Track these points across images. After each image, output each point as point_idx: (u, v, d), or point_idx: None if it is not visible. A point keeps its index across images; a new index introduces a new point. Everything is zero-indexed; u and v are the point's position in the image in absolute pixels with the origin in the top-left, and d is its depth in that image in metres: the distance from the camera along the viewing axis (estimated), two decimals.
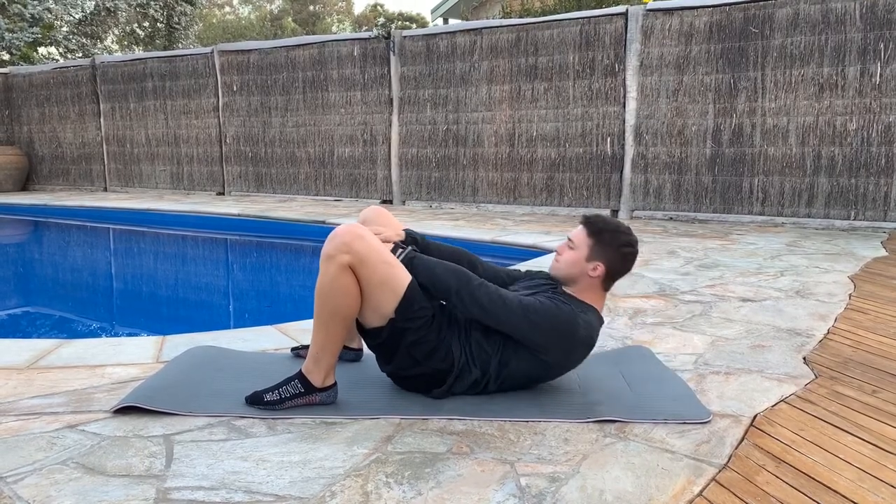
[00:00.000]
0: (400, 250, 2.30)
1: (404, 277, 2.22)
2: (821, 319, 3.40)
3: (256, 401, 2.24)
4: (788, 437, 2.05)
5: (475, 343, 2.30)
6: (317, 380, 2.25)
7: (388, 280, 2.20)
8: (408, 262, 2.27)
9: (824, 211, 7.11)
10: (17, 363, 2.73)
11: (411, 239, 2.49)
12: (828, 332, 3.17)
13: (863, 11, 6.73)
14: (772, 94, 7.20)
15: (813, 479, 1.81)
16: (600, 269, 2.31)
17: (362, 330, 2.33)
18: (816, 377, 2.58)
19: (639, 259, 4.82)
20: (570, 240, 2.36)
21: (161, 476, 1.79)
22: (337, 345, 2.24)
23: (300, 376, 2.25)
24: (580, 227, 2.36)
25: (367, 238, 2.19)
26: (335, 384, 2.29)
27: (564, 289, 2.38)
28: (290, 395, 2.24)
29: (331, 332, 2.21)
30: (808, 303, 3.75)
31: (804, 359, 2.80)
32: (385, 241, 2.36)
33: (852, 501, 1.70)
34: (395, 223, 2.58)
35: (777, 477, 1.82)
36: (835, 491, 1.75)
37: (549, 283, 2.42)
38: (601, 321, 2.37)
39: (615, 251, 2.31)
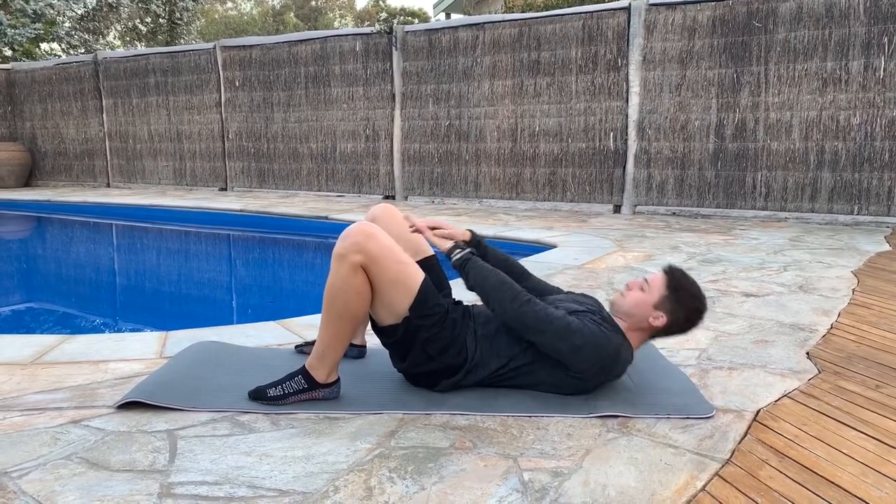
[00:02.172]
0: (458, 250, 2.32)
1: (417, 275, 2.22)
2: (824, 314, 3.39)
3: (260, 396, 2.24)
4: (791, 433, 2.05)
5: (498, 339, 2.30)
6: (320, 376, 2.25)
7: (402, 279, 2.19)
8: (461, 264, 2.29)
9: (828, 206, 7.10)
10: (21, 359, 2.73)
11: (475, 241, 2.50)
12: (831, 328, 3.17)
13: (867, 5, 6.71)
14: (775, 89, 7.18)
15: (816, 473, 1.81)
16: (662, 320, 2.26)
17: (376, 328, 2.32)
18: (820, 372, 2.58)
19: (640, 254, 4.83)
20: (646, 281, 2.31)
21: (165, 471, 1.79)
22: (343, 343, 2.24)
23: (304, 372, 2.26)
24: (661, 274, 2.30)
25: (380, 237, 2.18)
26: (338, 380, 2.29)
27: (615, 319, 2.33)
28: (293, 391, 2.24)
29: (338, 331, 2.21)
30: (811, 298, 3.74)
31: (807, 354, 2.79)
32: (449, 237, 2.39)
33: (855, 496, 1.70)
34: (402, 220, 2.57)
35: (780, 472, 1.82)
36: (838, 486, 1.75)
37: (595, 309, 2.35)
38: (632, 360, 2.35)
39: (685, 312, 2.26)
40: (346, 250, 2.14)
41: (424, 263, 2.42)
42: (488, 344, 2.31)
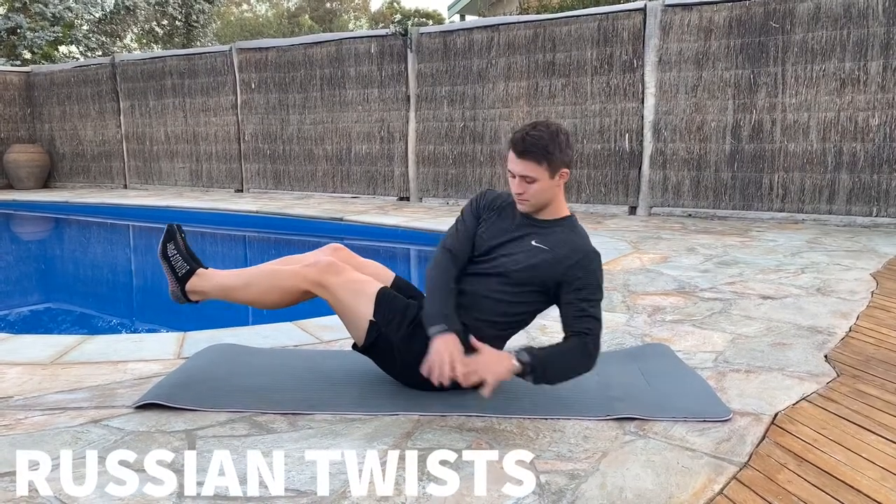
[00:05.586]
0: (520, 365, 2.08)
1: (375, 285, 2.32)
2: (842, 317, 3.37)
3: (168, 238, 2.47)
4: (810, 436, 2.04)
5: (479, 303, 2.29)
6: (194, 287, 2.44)
7: (361, 288, 2.30)
8: (531, 372, 2.11)
9: (846, 207, 7.03)
10: (42, 359, 2.77)
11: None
12: (850, 330, 3.14)
13: (886, 5, 6.64)
14: (792, 90, 7.13)
15: (835, 477, 1.80)
16: (566, 173, 2.27)
17: (360, 349, 2.37)
18: (838, 375, 2.56)
19: (657, 256, 4.81)
20: (524, 178, 2.21)
21: (183, 471, 1.80)
22: (238, 301, 2.49)
23: (193, 272, 2.44)
24: (522, 161, 2.20)
25: (341, 269, 2.33)
26: (195, 302, 2.48)
27: (538, 216, 2.32)
28: (174, 265, 2.44)
29: (252, 298, 2.44)
30: (829, 300, 3.71)
31: (826, 357, 2.77)
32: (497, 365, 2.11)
33: (875, 500, 1.69)
34: (353, 256, 2.57)
35: (799, 475, 1.81)
36: (857, 490, 1.74)
37: (526, 222, 2.33)
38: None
39: (568, 151, 2.25)
40: (313, 274, 2.31)
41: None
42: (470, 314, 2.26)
